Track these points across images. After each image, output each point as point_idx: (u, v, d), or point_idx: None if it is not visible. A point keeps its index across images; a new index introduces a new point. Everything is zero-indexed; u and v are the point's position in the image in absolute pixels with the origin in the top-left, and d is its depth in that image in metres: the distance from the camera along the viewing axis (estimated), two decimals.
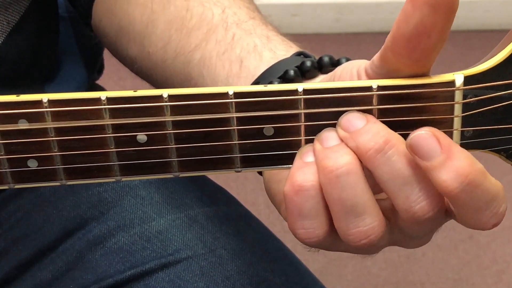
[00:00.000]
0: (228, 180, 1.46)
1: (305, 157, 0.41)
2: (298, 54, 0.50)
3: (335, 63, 0.48)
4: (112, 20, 0.61)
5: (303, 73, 0.48)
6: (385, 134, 0.39)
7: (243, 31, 0.53)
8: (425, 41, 0.37)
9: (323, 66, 0.48)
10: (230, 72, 0.51)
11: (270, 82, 0.47)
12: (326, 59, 0.48)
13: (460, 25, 1.80)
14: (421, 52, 0.38)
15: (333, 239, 0.42)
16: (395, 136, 0.39)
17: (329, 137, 0.40)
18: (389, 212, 0.42)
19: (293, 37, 0.55)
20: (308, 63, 0.48)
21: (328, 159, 0.39)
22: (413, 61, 0.39)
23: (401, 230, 0.42)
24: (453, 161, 0.38)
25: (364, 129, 0.39)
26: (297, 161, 0.41)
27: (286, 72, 0.47)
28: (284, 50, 0.51)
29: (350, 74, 0.42)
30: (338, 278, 1.34)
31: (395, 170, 0.39)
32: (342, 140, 0.40)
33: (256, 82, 0.49)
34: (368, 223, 0.40)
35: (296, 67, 0.48)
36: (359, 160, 0.40)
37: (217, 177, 0.67)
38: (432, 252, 1.38)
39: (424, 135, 0.39)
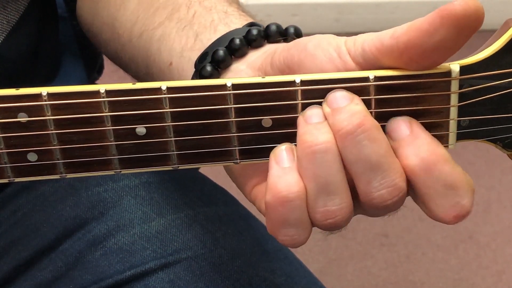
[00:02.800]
0: (228, 180, 1.45)
1: (282, 162, 0.41)
2: (250, 25, 0.49)
3: (282, 32, 0.47)
4: (90, 7, 0.62)
5: (249, 42, 0.47)
6: (361, 117, 0.39)
7: (203, 8, 0.52)
8: (441, 56, 0.39)
9: (270, 35, 0.47)
10: (186, 46, 0.50)
11: (215, 51, 0.47)
12: (273, 27, 0.47)
13: None
14: (432, 63, 0.39)
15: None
16: (370, 121, 0.40)
17: (313, 114, 0.40)
18: (353, 191, 0.42)
19: None
20: (254, 31, 0.47)
21: (309, 134, 0.40)
22: (421, 67, 0.40)
23: (362, 208, 0.42)
24: (417, 141, 0.40)
25: (344, 108, 0.40)
26: (274, 168, 0.41)
27: (232, 40, 0.47)
28: (239, 23, 0.50)
29: (329, 56, 0.41)
30: (338, 278, 1.33)
31: (362, 154, 0.39)
32: (325, 117, 0.40)
33: (205, 52, 0.48)
34: (337, 203, 0.40)
35: (243, 36, 0.47)
36: None
37: (217, 177, 0.67)
38: (432, 252, 1.38)
39: (399, 119, 0.40)
